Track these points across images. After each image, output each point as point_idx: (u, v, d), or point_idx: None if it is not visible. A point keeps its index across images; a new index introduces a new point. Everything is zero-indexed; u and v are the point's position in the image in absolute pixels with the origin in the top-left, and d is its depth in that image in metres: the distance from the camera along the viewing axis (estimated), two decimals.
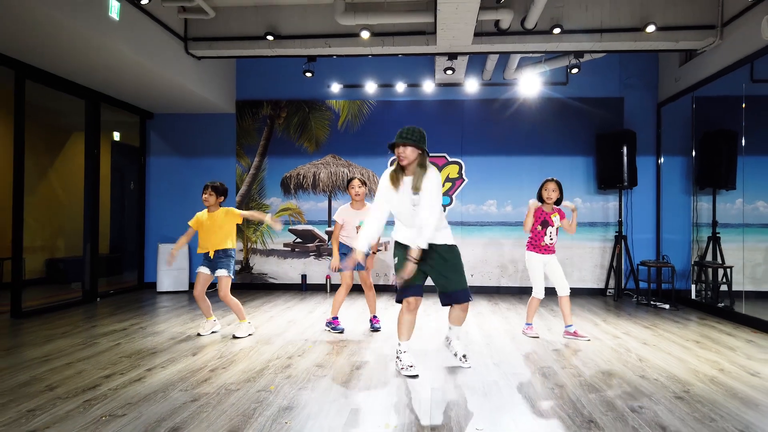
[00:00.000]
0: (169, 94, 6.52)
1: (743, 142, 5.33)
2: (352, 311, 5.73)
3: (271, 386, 3.17)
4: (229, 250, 4.45)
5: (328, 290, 7.35)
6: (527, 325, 4.67)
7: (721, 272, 5.94)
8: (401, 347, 3.51)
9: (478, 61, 7.10)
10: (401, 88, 7.25)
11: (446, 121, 7.30)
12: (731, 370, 3.59)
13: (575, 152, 7.21)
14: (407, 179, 3.32)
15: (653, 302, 6.25)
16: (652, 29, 5.44)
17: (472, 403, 2.92)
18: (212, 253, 4.41)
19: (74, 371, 3.46)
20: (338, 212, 4.65)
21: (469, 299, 3.46)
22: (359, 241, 3.46)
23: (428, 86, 7.18)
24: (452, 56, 6.05)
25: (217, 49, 5.99)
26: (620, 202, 6.91)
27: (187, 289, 7.35)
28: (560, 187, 4.48)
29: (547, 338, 4.52)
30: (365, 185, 4.71)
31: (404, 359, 3.48)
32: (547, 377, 3.39)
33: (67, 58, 5.08)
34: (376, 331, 4.74)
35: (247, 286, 7.50)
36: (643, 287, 6.71)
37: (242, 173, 7.58)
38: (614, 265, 6.89)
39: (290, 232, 7.54)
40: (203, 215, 4.53)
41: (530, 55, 6.43)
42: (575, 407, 2.84)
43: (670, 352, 4.06)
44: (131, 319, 5.31)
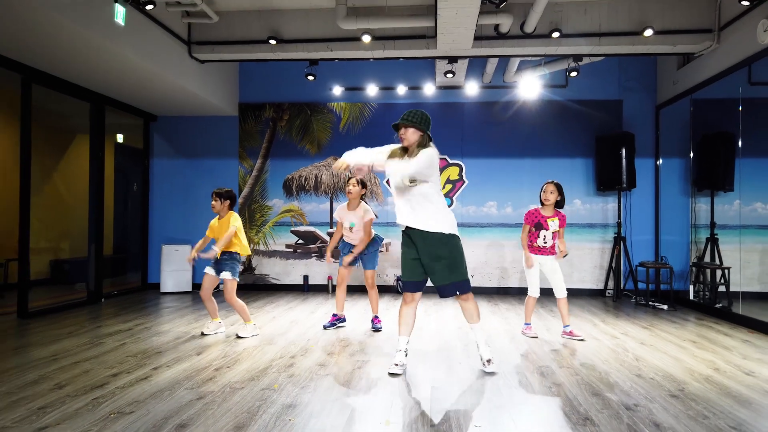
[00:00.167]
0: (172, 97, 6.61)
1: (740, 144, 5.40)
2: (353, 311, 5.80)
3: (274, 385, 3.24)
4: (234, 253, 4.52)
5: (329, 291, 7.42)
6: (526, 325, 4.73)
7: (719, 273, 6.00)
8: (399, 344, 3.58)
9: (478, 64, 7.17)
10: (402, 90, 7.33)
11: (447, 123, 7.37)
12: (726, 369, 3.66)
13: (575, 154, 7.27)
14: (405, 158, 3.41)
15: (652, 303, 6.31)
16: (649, 33, 5.51)
17: (471, 401, 2.99)
18: (218, 254, 4.49)
19: (81, 370, 3.54)
20: (336, 211, 4.88)
21: (455, 293, 3.43)
22: (350, 156, 3.46)
23: (429, 89, 7.26)
24: (452, 59, 6.12)
25: (220, 52, 6.07)
26: (619, 203, 6.98)
27: (190, 290, 7.43)
28: (559, 189, 4.54)
29: (545, 338, 4.59)
30: (361, 186, 4.79)
31: (396, 357, 3.56)
32: (545, 376, 3.46)
33: (73, 62, 5.17)
34: (377, 331, 4.82)
35: (249, 287, 7.57)
36: (641, 288, 6.77)
37: (245, 175, 7.66)
38: (613, 266, 6.95)
39: (292, 233, 7.62)
40: (215, 221, 4.66)
41: (530, 58, 6.51)
42: (572, 405, 2.91)
43: (666, 351, 4.13)
44: (136, 319, 5.39)
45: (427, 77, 7.38)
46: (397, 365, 3.51)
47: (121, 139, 7.99)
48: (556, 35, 5.61)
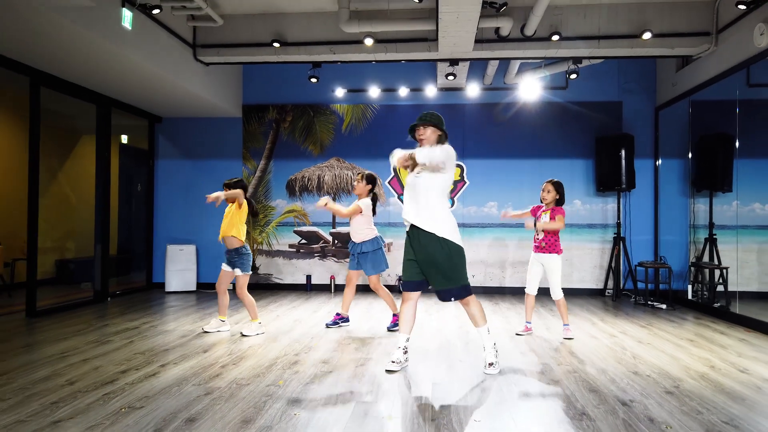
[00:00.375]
0: (177, 99, 6.70)
1: (737, 145, 5.46)
2: (354, 311, 5.88)
3: (279, 381, 3.32)
4: (240, 248, 4.62)
5: (332, 290, 7.51)
6: (526, 323, 4.81)
7: (717, 273, 6.07)
8: (399, 341, 3.66)
9: (479, 66, 7.25)
10: (404, 92, 7.41)
11: (448, 124, 7.30)
12: (722, 367, 3.73)
13: (575, 155, 7.35)
14: None
15: (651, 302, 6.38)
16: (648, 36, 5.59)
17: (471, 397, 3.07)
18: (221, 238, 4.64)
19: (91, 367, 3.63)
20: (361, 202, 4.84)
21: (449, 299, 3.47)
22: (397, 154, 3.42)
23: (430, 91, 7.34)
24: (454, 62, 6.20)
25: (224, 55, 6.16)
26: (619, 204, 7.05)
27: (194, 289, 7.52)
28: (557, 187, 4.62)
29: (545, 337, 4.66)
30: (366, 182, 4.83)
31: (393, 354, 3.65)
32: (543, 373, 3.54)
33: (80, 65, 5.26)
34: (393, 330, 4.85)
35: (253, 286, 7.66)
36: (641, 288, 6.84)
37: (248, 176, 7.75)
38: (613, 265, 7.03)
39: (295, 233, 7.70)
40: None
41: (530, 60, 6.58)
42: (569, 401, 2.99)
43: (663, 350, 4.20)
44: (142, 318, 5.48)
45: (428, 79, 7.46)
46: (394, 362, 3.58)
47: (125, 140, 8.08)
48: (555, 38, 5.69)
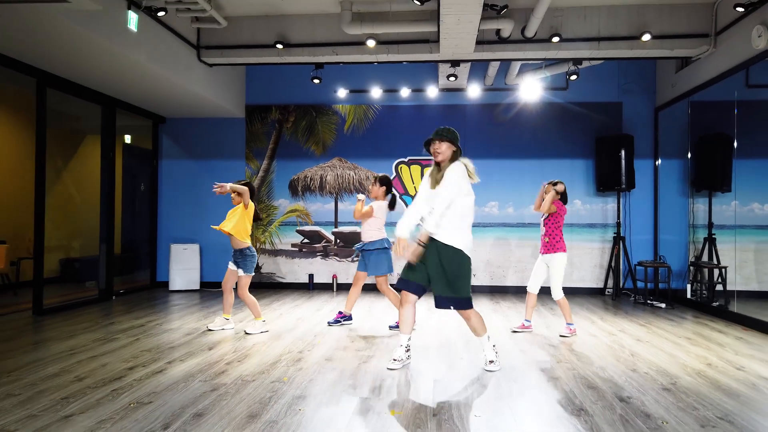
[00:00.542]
0: (181, 99, 6.77)
1: (735, 145, 5.52)
2: (358, 309, 5.94)
3: (284, 377, 3.39)
4: (244, 249, 4.68)
5: (334, 289, 7.57)
6: (524, 321, 4.88)
7: (716, 272, 6.12)
8: (401, 340, 3.72)
9: (480, 67, 7.31)
10: (406, 93, 7.47)
11: (449, 125, 7.37)
12: (718, 364, 3.79)
13: (575, 155, 7.41)
14: (440, 176, 3.52)
15: (650, 301, 6.44)
16: (647, 38, 5.64)
17: (471, 393, 3.14)
18: (223, 229, 4.67)
19: (99, 364, 3.70)
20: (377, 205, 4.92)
21: (448, 306, 3.46)
22: (401, 228, 3.47)
23: (432, 91, 7.40)
24: (455, 63, 6.26)
25: (228, 56, 6.23)
26: (619, 204, 7.11)
27: (198, 288, 7.60)
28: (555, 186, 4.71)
29: (545, 335, 4.73)
30: (380, 184, 4.93)
31: (395, 352, 3.71)
32: (542, 370, 3.60)
33: (87, 67, 5.34)
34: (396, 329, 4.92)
35: (256, 285, 7.73)
36: (640, 287, 6.90)
37: (251, 176, 7.82)
38: (613, 265, 7.08)
39: (298, 232, 7.77)
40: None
41: (530, 62, 6.63)
42: (568, 397, 3.06)
43: (662, 348, 4.27)
44: (147, 316, 5.56)
45: (430, 80, 7.52)
46: (395, 360, 3.65)
47: (129, 140, 8.15)
48: (556, 40, 5.74)
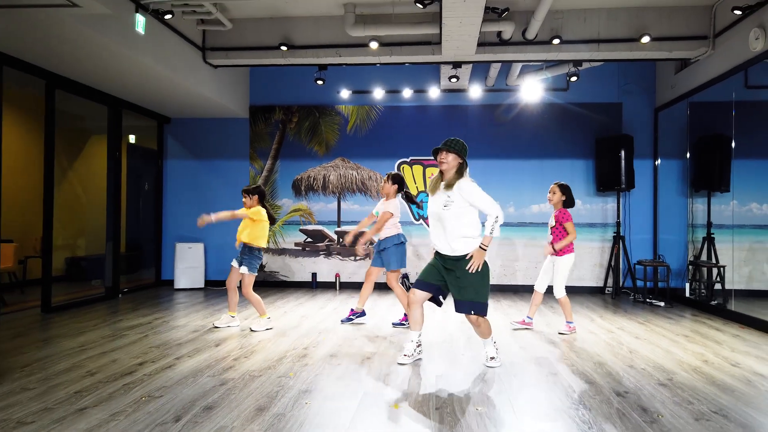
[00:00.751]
0: (186, 100, 6.86)
1: (733, 145, 5.59)
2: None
3: (290, 373, 3.48)
4: (253, 248, 4.77)
5: (337, 288, 7.66)
6: (526, 317, 4.96)
7: (715, 271, 6.20)
8: (412, 336, 3.81)
9: (481, 68, 7.39)
10: (408, 94, 7.55)
11: (451, 125, 7.59)
12: (714, 361, 3.87)
13: (575, 156, 7.49)
14: (442, 184, 3.57)
15: (649, 300, 6.52)
16: (647, 40, 5.71)
17: (473, 388, 3.22)
18: (238, 243, 4.80)
19: (109, 359, 3.79)
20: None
21: (470, 311, 3.46)
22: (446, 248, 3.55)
23: (434, 92, 7.49)
24: (457, 65, 6.34)
25: (233, 58, 6.31)
26: (618, 203, 7.18)
27: (202, 286, 7.69)
28: (561, 188, 4.78)
29: (545, 332, 4.81)
30: (392, 182, 4.94)
31: (405, 348, 3.80)
32: (542, 366, 3.69)
33: (95, 68, 5.43)
34: (400, 326, 5.01)
35: (259, 283, 7.82)
36: (640, 286, 6.98)
37: (255, 175, 7.91)
38: (612, 264, 7.17)
39: (301, 232, 7.87)
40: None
41: (531, 63, 6.71)
42: (566, 391, 3.14)
43: (659, 345, 4.35)
44: (154, 314, 5.65)
45: (432, 81, 7.60)
46: (406, 355, 3.74)
47: (133, 139, 8.24)
48: (556, 42, 5.81)
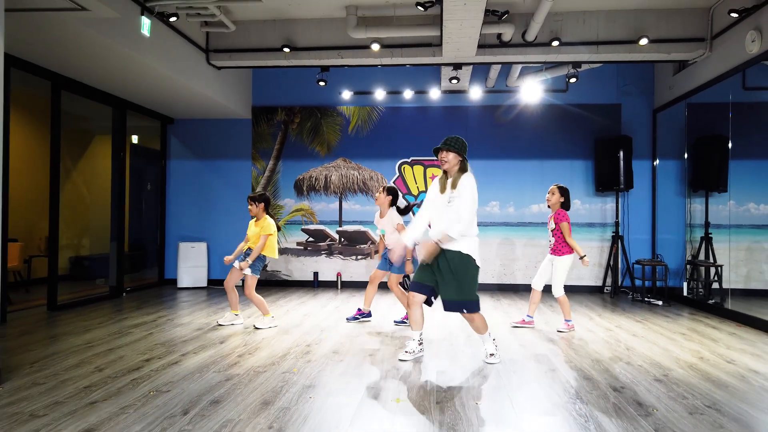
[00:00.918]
0: (190, 101, 6.94)
1: (730, 145, 5.66)
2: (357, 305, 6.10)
3: (294, 369, 3.56)
4: (261, 254, 4.84)
5: (338, 287, 7.74)
6: (526, 316, 5.04)
7: (712, 270, 6.27)
8: (413, 334, 3.88)
9: (481, 69, 7.46)
10: (409, 95, 7.63)
11: (451, 126, 7.66)
12: (710, 358, 3.95)
13: (574, 156, 7.56)
14: (448, 182, 3.65)
15: (647, 299, 6.59)
16: (645, 42, 5.78)
17: (473, 383, 3.30)
18: (246, 249, 4.89)
19: (116, 356, 3.87)
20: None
21: (461, 310, 3.56)
22: (406, 236, 3.72)
23: (434, 93, 7.56)
24: (457, 66, 6.42)
25: (236, 60, 6.39)
26: (617, 203, 7.26)
27: (205, 285, 7.77)
28: (561, 190, 4.85)
29: (544, 330, 4.88)
30: (387, 193, 4.96)
31: (408, 345, 3.88)
32: (541, 363, 3.76)
33: (100, 70, 5.51)
34: (402, 324, 5.08)
35: (262, 282, 7.89)
36: (638, 285, 7.05)
37: (257, 176, 7.99)
38: (611, 263, 7.24)
39: (303, 231, 7.94)
40: (251, 225, 4.97)
41: (531, 65, 6.79)
42: (564, 387, 3.21)
43: (656, 342, 4.42)
44: (158, 312, 5.73)
45: (432, 82, 7.68)
46: (408, 352, 3.81)
47: (136, 140, 8.31)
48: (556, 44, 5.89)
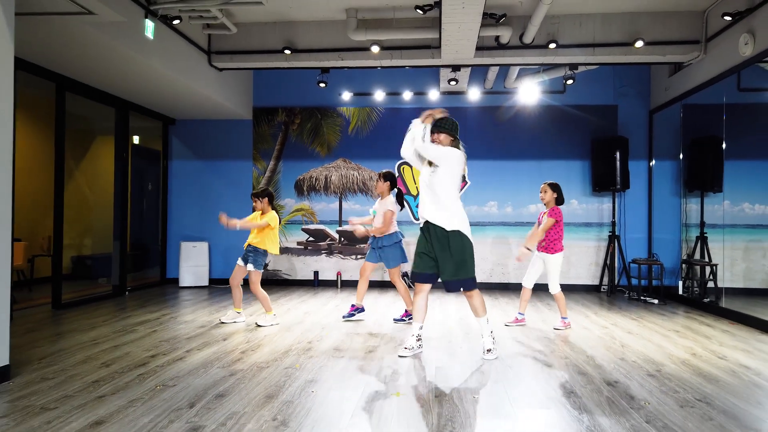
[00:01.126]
0: (191, 102, 7.02)
1: (724, 146, 5.75)
2: (364, 303, 6.18)
3: (296, 364, 3.65)
4: (258, 248, 4.94)
5: (338, 286, 7.83)
6: (519, 315, 5.12)
7: (708, 269, 6.36)
8: (413, 329, 3.97)
9: (480, 71, 7.55)
10: (408, 96, 7.73)
11: None
12: (702, 354, 4.04)
13: (572, 156, 7.65)
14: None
15: (643, 297, 6.69)
16: (640, 44, 5.88)
17: (471, 378, 3.39)
18: (237, 226, 4.97)
19: (122, 352, 3.95)
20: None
21: (458, 289, 3.75)
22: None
23: (433, 94, 7.66)
24: (456, 68, 6.51)
25: (238, 61, 6.48)
26: (614, 203, 7.36)
27: (207, 284, 7.85)
28: (552, 187, 4.94)
29: (541, 328, 4.98)
30: (384, 180, 5.12)
31: (407, 341, 3.97)
32: (536, 359, 3.85)
33: (104, 72, 5.59)
34: (399, 322, 5.17)
35: (262, 281, 7.89)
36: (634, 284, 7.14)
37: (258, 176, 8.07)
38: (608, 262, 7.33)
39: (303, 231, 8.03)
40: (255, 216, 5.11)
41: (529, 66, 6.88)
42: (559, 381, 3.31)
43: (650, 339, 4.51)
44: (161, 310, 5.81)
45: (431, 83, 7.77)
46: (407, 348, 3.90)
47: (137, 140, 8.39)
48: (553, 46, 5.98)
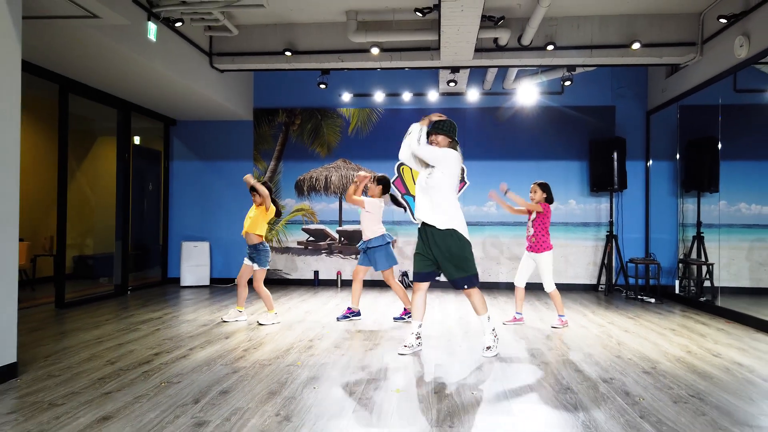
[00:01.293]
0: (193, 103, 7.08)
1: (720, 147, 5.82)
2: (363, 303, 6.23)
3: (297, 362, 3.71)
4: (258, 245, 5.01)
5: (338, 285, 7.89)
6: (516, 314, 5.19)
7: (704, 269, 6.43)
8: (412, 327, 4.04)
9: (478, 72, 7.61)
10: (407, 97, 7.79)
11: None
12: (697, 352, 4.11)
13: (570, 157, 7.72)
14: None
15: (640, 296, 6.76)
16: (637, 46, 5.95)
17: (470, 375, 3.45)
18: (244, 233, 5.02)
19: (126, 350, 4.02)
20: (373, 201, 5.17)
21: (463, 286, 3.83)
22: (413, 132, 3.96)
23: (432, 95, 7.73)
24: (455, 69, 6.58)
25: (239, 63, 6.54)
26: (611, 203, 7.42)
27: (208, 284, 7.91)
28: (542, 187, 5.09)
29: (538, 327, 5.04)
30: (376, 183, 5.19)
31: (406, 339, 4.03)
32: (534, 356, 3.92)
33: (107, 73, 5.65)
34: (400, 321, 5.22)
35: (264, 281, 8.02)
36: (632, 283, 7.21)
37: (259, 176, 8.13)
38: (605, 262, 7.40)
39: (303, 231, 8.09)
40: (252, 209, 5.14)
41: (527, 68, 6.95)
42: (556, 378, 3.37)
43: (647, 337, 4.58)
44: (163, 309, 5.87)
45: (430, 85, 7.83)
46: (406, 346, 3.97)
47: (138, 141, 8.45)
48: (551, 48, 6.05)
